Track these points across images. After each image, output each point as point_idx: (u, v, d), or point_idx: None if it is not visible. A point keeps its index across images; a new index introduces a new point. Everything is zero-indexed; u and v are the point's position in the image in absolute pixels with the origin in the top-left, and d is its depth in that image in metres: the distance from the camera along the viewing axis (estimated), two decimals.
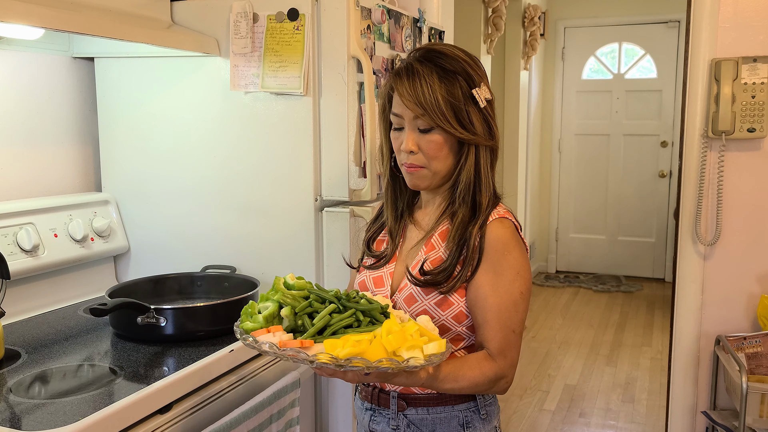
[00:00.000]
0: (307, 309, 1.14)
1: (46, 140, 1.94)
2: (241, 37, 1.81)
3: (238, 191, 1.89)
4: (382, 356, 1.03)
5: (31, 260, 1.73)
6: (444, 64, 1.24)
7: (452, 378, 1.19)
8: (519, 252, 1.26)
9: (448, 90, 1.22)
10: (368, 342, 1.05)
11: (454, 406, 1.29)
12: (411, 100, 1.22)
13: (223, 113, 1.88)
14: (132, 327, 1.54)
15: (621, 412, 3.51)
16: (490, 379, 1.22)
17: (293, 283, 1.20)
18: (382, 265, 1.36)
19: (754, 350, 2.11)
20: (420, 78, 1.21)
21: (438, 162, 1.26)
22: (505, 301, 1.23)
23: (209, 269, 1.91)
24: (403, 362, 1.04)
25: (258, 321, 1.14)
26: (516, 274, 1.24)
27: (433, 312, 1.26)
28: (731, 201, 2.23)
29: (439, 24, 2.42)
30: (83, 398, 1.24)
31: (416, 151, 1.26)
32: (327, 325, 1.11)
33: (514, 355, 1.25)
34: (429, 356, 1.07)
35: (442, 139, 1.24)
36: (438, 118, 1.21)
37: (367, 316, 1.14)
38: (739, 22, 2.17)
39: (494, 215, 1.27)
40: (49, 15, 1.44)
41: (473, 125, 1.24)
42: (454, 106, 1.22)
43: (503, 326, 1.23)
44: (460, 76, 1.23)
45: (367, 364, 1.02)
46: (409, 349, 1.06)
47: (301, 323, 1.12)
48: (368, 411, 1.37)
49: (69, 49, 1.97)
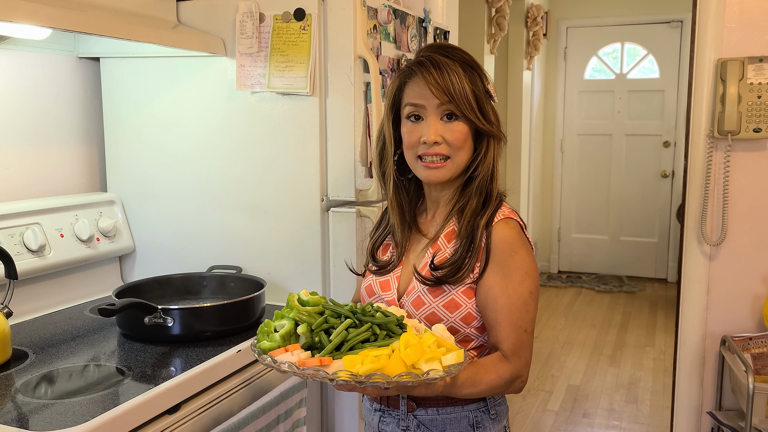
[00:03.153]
0: (323, 325, 1.13)
1: (52, 140, 1.94)
2: (247, 37, 1.81)
3: (244, 191, 1.89)
4: (401, 370, 1.04)
5: (37, 260, 1.73)
6: (465, 58, 1.28)
7: (470, 383, 1.20)
8: (525, 252, 1.27)
9: (472, 80, 1.25)
10: (387, 357, 1.05)
11: (464, 406, 1.29)
12: (439, 88, 1.23)
13: (229, 113, 1.88)
14: (139, 327, 1.54)
15: (624, 413, 3.50)
16: (506, 381, 1.23)
17: (307, 299, 1.20)
18: (389, 271, 1.36)
19: (760, 350, 2.11)
20: (447, 68, 1.24)
21: (462, 153, 1.27)
22: (515, 301, 1.24)
23: (215, 269, 1.91)
24: (423, 375, 1.04)
25: (275, 340, 1.14)
26: (524, 274, 1.25)
27: (441, 314, 1.26)
28: (737, 201, 2.23)
29: (444, 24, 2.42)
30: (91, 398, 1.24)
31: (440, 142, 1.26)
32: (344, 340, 1.11)
33: (528, 354, 1.26)
34: (448, 367, 1.07)
35: (466, 129, 1.26)
36: (465, 107, 1.24)
37: (383, 329, 1.14)
38: (745, 22, 2.17)
39: (499, 215, 1.28)
40: (57, 15, 1.43)
41: (491, 117, 1.28)
42: (477, 96, 1.25)
43: (515, 326, 1.24)
44: (477, 71, 1.27)
45: (388, 380, 1.02)
46: (428, 361, 1.07)
47: (318, 340, 1.12)
48: (377, 412, 1.36)
49: (75, 49, 1.97)
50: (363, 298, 1.41)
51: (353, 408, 1.87)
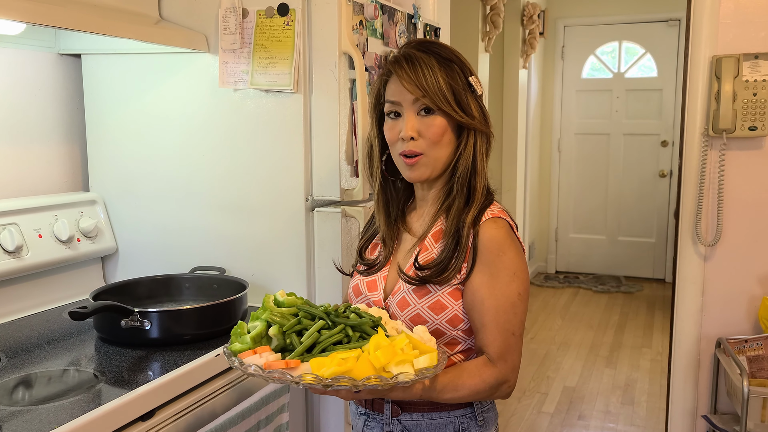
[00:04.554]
0: (295, 327, 1.10)
1: (32, 139, 1.90)
2: (230, 33, 1.77)
3: (227, 190, 1.85)
4: (369, 373, 1.00)
5: (14, 261, 1.68)
6: (440, 52, 1.25)
7: (452, 387, 1.16)
8: (514, 252, 1.22)
9: (448, 74, 1.22)
10: (355, 359, 1.01)
11: (450, 411, 1.25)
12: (412, 83, 1.21)
13: (212, 111, 1.84)
14: (116, 330, 1.50)
15: (620, 415, 3.46)
16: (491, 386, 1.19)
17: (283, 300, 1.16)
18: (376, 271, 1.33)
19: (756, 353, 2.07)
20: (420, 62, 1.22)
21: (439, 148, 1.24)
22: (503, 303, 1.20)
23: (198, 270, 1.87)
24: (392, 378, 1.01)
25: (246, 342, 1.10)
26: (512, 275, 1.21)
27: (426, 315, 1.23)
28: (732, 201, 2.19)
29: (435, 21, 2.37)
30: (61, 405, 1.20)
31: (416, 137, 1.23)
32: (316, 342, 1.07)
33: (515, 358, 1.21)
34: (420, 370, 1.04)
35: (444, 123, 1.23)
36: (440, 99, 1.21)
37: (357, 331, 1.10)
38: (740, 18, 2.13)
39: (488, 215, 1.23)
40: (29, 9, 1.39)
41: (471, 110, 1.24)
42: (454, 90, 1.22)
43: (502, 329, 1.20)
44: (456, 64, 1.24)
45: (354, 383, 0.99)
46: (398, 364, 1.03)
47: (289, 342, 1.09)
48: (362, 416, 1.33)
49: (55, 45, 1.93)
50: (350, 298, 1.38)
51: (339, 413, 1.83)
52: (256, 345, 1.10)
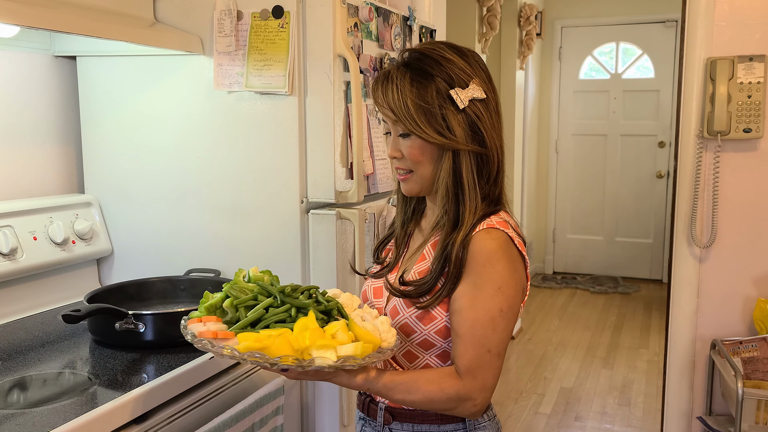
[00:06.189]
0: (248, 302, 1.14)
1: (26, 141, 1.90)
2: (225, 35, 1.77)
3: (222, 193, 1.85)
4: (287, 353, 1.02)
5: (8, 264, 1.68)
6: (422, 66, 1.18)
7: (404, 389, 1.14)
8: (503, 266, 1.16)
9: (419, 94, 1.16)
10: (276, 337, 1.03)
11: (440, 425, 1.22)
12: (384, 106, 1.20)
13: (207, 113, 1.84)
14: (110, 333, 1.50)
15: (617, 416, 3.47)
16: (449, 398, 1.14)
17: (253, 276, 1.21)
18: (385, 274, 1.32)
19: (750, 355, 2.07)
20: (392, 83, 1.18)
21: (422, 167, 1.21)
22: (482, 317, 1.14)
23: (193, 272, 1.87)
24: (307, 361, 1.03)
25: (202, 311, 1.16)
26: (497, 289, 1.14)
27: (414, 326, 1.21)
28: (727, 202, 2.19)
29: (431, 22, 2.37)
30: (55, 408, 1.20)
31: (399, 157, 1.23)
32: (262, 318, 1.11)
33: (488, 377, 1.14)
34: (342, 358, 1.04)
35: (420, 144, 1.19)
36: (408, 122, 1.17)
37: (301, 312, 1.12)
38: (735, 20, 2.13)
39: (483, 225, 1.18)
40: (24, 12, 1.39)
41: (450, 129, 1.17)
42: (425, 110, 1.16)
43: (476, 344, 1.14)
44: (439, 77, 1.17)
45: (267, 360, 1.02)
46: (319, 348, 1.03)
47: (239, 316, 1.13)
48: (360, 420, 1.33)
49: (50, 47, 1.93)
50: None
51: (334, 415, 1.83)
52: (209, 314, 1.15)
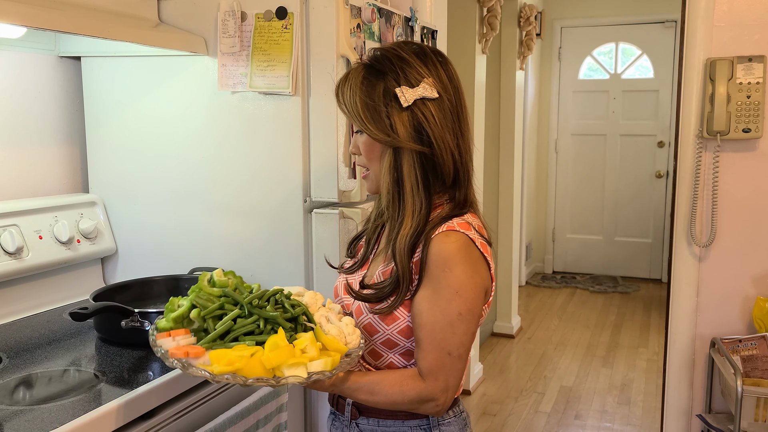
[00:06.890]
0: (215, 312, 1.12)
1: (32, 141, 1.91)
2: (229, 36, 1.79)
3: (226, 192, 1.87)
4: (259, 374, 1.03)
5: (14, 262, 1.70)
6: (377, 65, 1.22)
7: (367, 390, 1.18)
8: (462, 269, 1.15)
9: (368, 92, 1.20)
10: (248, 358, 1.03)
11: (405, 421, 1.25)
12: (341, 102, 1.24)
13: (211, 113, 1.85)
14: (116, 331, 1.51)
15: (617, 414, 3.48)
16: (411, 399, 1.17)
17: (217, 281, 1.18)
18: (355, 270, 1.34)
19: (750, 353, 2.09)
20: (348, 82, 1.23)
21: (373, 164, 1.25)
22: (440, 320, 1.16)
23: (197, 271, 1.88)
24: (282, 380, 1.04)
25: (170, 321, 1.14)
26: (454, 293, 1.15)
27: (377, 326, 1.23)
28: (726, 202, 2.21)
29: (432, 23, 2.39)
30: (62, 405, 1.21)
31: (357, 153, 1.27)
32: (231, 329, 1.10)
33: (450, 378, 1.17)
34: (311, 374, 1.06)
35: (368, 141, 1.23)
36: (356, 119, 1.22)
37: (270, 323, 1.12)
38: (735, 21, 2.15)
39: (443, 228, 1.18)
40: (30, 13, 1.41)
41: (393, 127, 1.18)
42: (370, 107, 1.19)
43: (436, 347, 1.16)
44: (389, 75, 1.19)
45: (245, 381, 1.02)
46: (291, 366, 1.04)
47: (207, 326, 1.12)
48: (331, 415, 1.37)
49: (55, 48, 1.94)
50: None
51: None
52: (177, 326, 1.13)
